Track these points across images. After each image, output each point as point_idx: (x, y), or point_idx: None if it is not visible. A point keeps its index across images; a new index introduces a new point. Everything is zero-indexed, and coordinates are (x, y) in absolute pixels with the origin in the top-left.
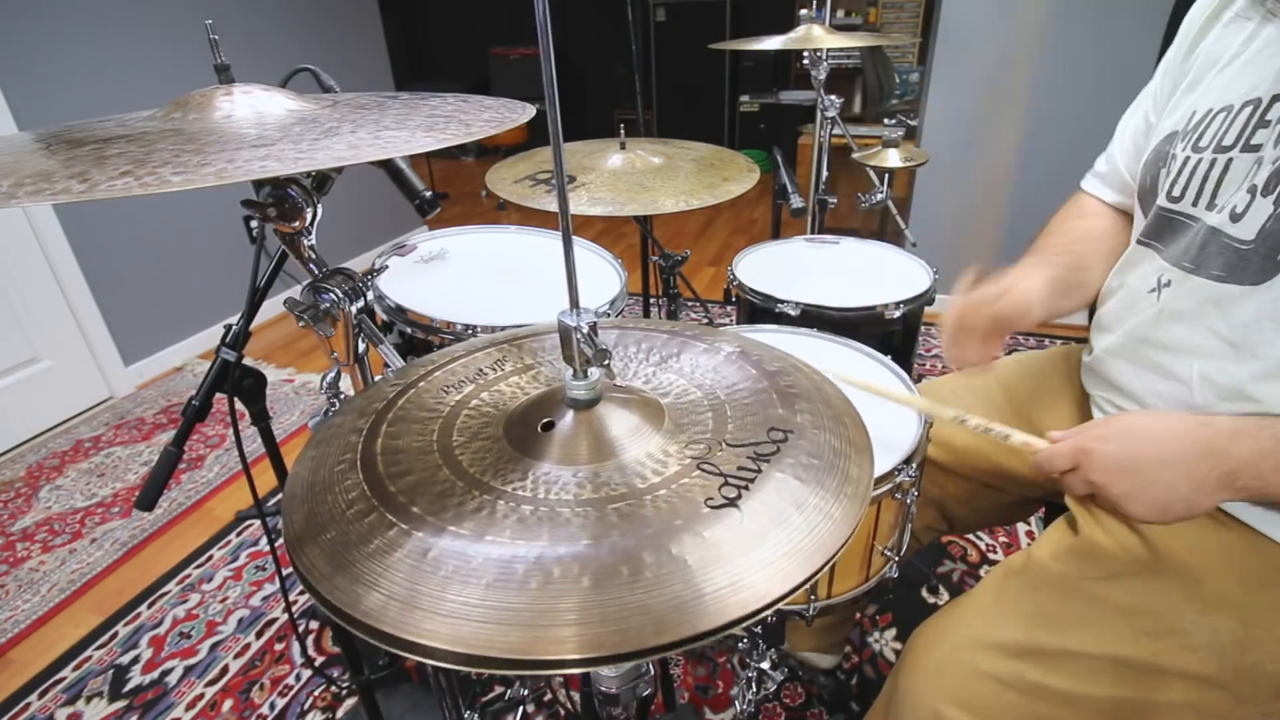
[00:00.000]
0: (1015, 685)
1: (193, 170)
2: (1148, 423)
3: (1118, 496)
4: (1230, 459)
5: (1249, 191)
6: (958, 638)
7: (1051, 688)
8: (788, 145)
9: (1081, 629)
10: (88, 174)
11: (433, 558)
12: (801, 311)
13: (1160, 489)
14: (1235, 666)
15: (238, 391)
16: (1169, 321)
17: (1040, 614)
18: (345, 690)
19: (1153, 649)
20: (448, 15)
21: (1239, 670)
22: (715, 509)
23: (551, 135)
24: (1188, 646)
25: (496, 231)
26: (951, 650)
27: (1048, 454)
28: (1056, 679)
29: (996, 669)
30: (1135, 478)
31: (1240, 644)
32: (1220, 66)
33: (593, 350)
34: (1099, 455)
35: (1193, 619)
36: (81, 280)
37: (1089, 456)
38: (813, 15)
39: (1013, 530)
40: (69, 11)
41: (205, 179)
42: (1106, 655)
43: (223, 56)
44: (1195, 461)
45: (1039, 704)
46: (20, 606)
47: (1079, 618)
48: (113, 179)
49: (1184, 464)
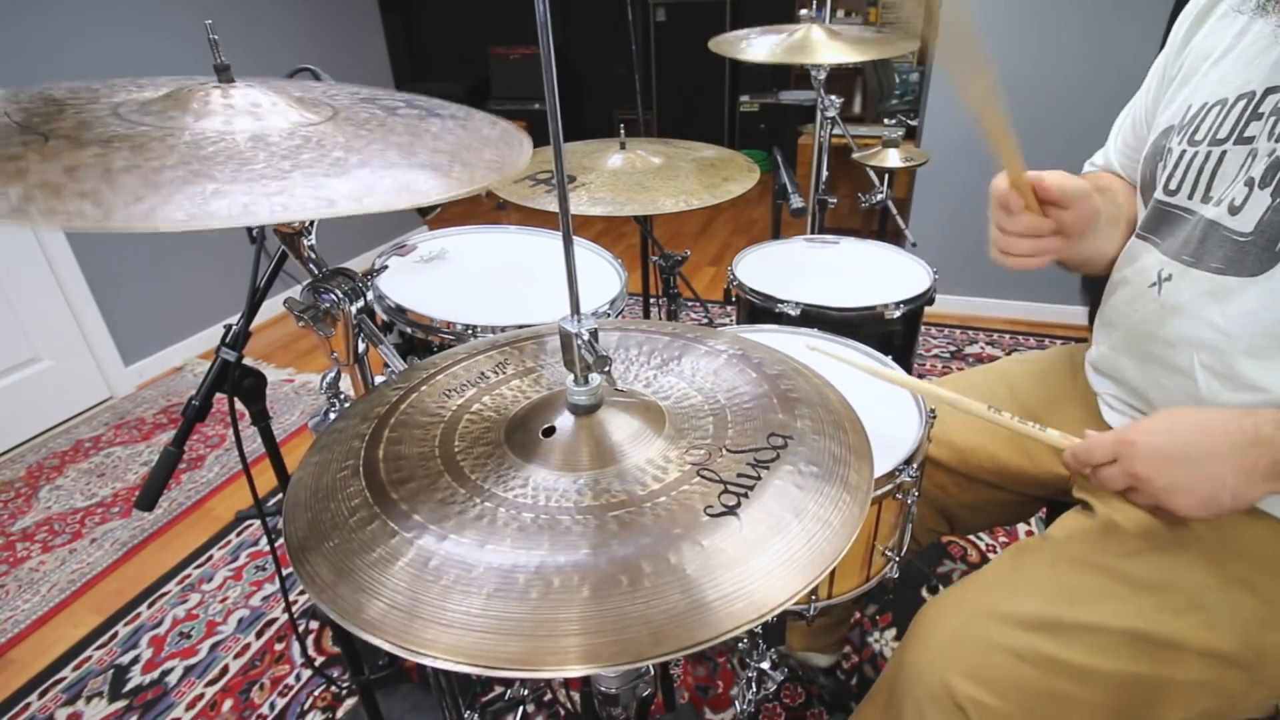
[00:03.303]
0: (1029, 658)
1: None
2: (1191, 415)
3: (1162, 489)
4: (1278, 448)
5: (1246, 184)
6: (971, 611)
7: (1067, 661)
8: (788, 145)
9: (1100, 602)
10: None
11: (434, 566)
12: (801, 311)
13: (1206, 481)
14: (1257, 645)
15: (238, 391)
16: (1170, 315)
17: (1057, 587)
18: (345, 690)
19: (1174, 625)
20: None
21: (1260, 649)
22: (714, 517)
23: (552, 135)
24: (1209, 623)
25: (496, 231)
26: (963, 623)
27: (1085, 446)
28: (1072, 652)
29: (1010, 641)
30: (1181, 469)
31: (1262, 622)
32: (1214, 60)
33: (593, 357)
34: (1143, 446)
35: (1215, 596)
36: (81, 280)
37: (1132, 448)
38: (812, 15)
39: (1013, 530)
40: (68, 12)
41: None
42: (1125, 629)
43: (223, 56)
44: (1242, 452)
45: (1053, 677)
46: (20, 606)
47: (1097, 591)
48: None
49: (1231, 455)
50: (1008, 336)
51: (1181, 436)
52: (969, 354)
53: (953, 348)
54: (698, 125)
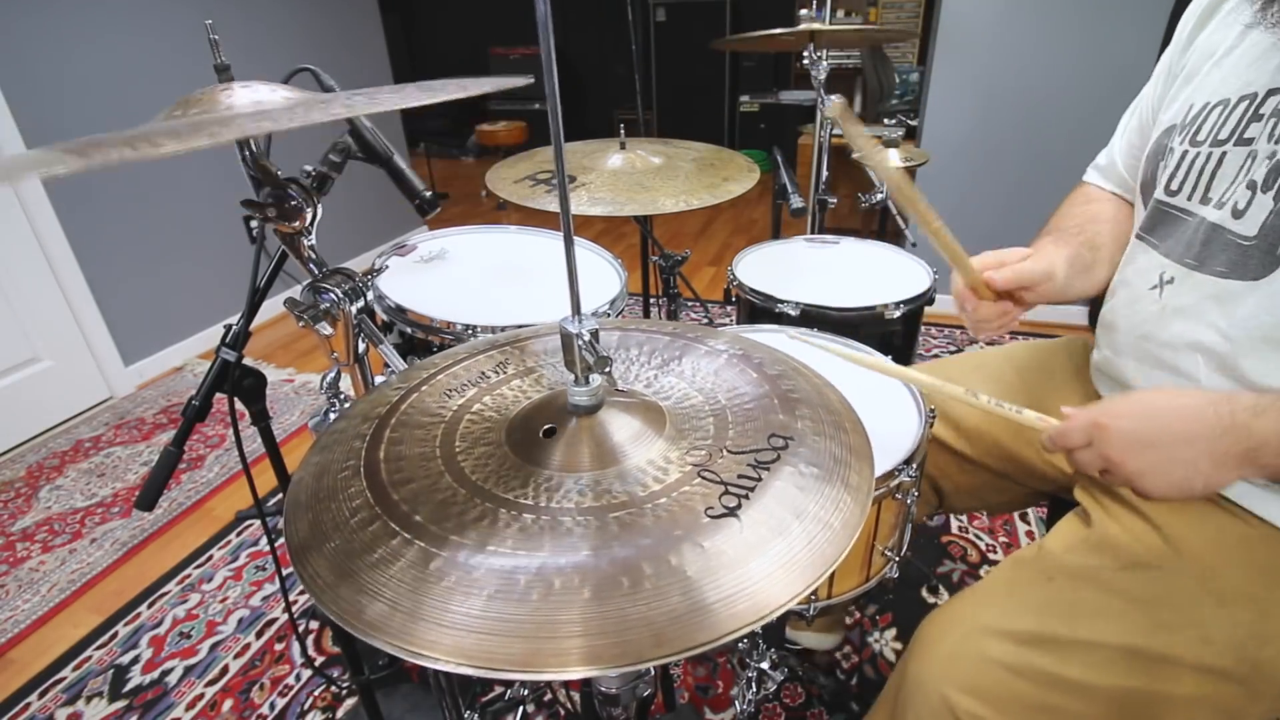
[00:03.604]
0: (1026, 674)
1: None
2: (1166, 399)
3: (1133, 473)
4: (1253, 436)
5: (1249, 187)
6: (969, 626)
7: (1063, 677)
8: (788, 145)
9: (1096, 619)
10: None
11: (435, 568)
12: (801, 311)
13: (1180, 466)
14: (1253, 660)
15: (238, 391)
16: (1172, 318)
17: (1053, 603)
18: (345, 690)
19: (1169, 640)
20: (448, 15)
21: (1256, 664)
22: (715, 518)
23: (552, 135)
24: (1205, 639)
25: (496, 231)
26: (962, 638)
27: (1061, 430)
28: (1068, 668)
29: (1008, 657)
30: (1153, 454)
31: (1259, 637)
32: (1216, 59)
33: (594, 357)
34: (1115, 431)
35: (1211, 611)
36: (81, 280)
37: (1104, 432)
38: (813, 15)
39: (1013, 531)
40: (69, 12)
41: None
42: (1121, 645)
43: (223, 57)
44: (1216, 439)
45: (1050, 693)
46: (20, 606)
47: (1093, 607)
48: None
49: (1205, 441)
50: (1008, 336)
51: (1155, 421)
52: (969, 354)
53: (953, 348)
54: (698, 125)
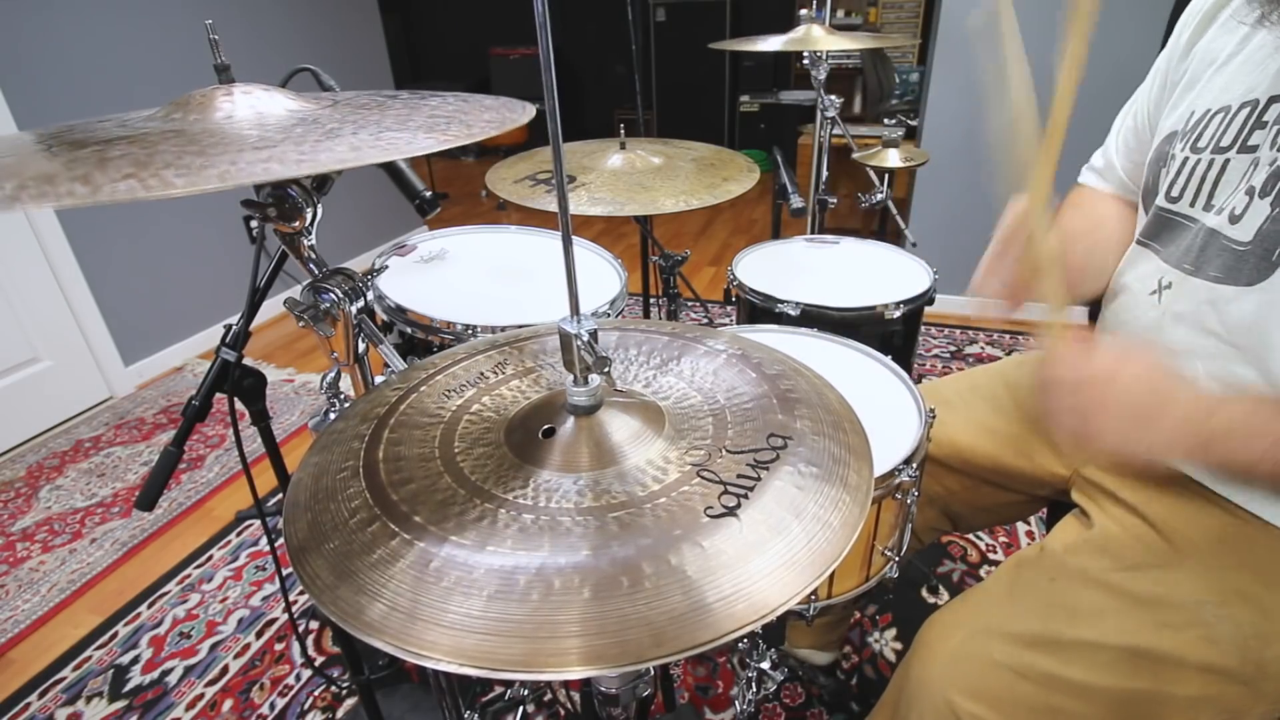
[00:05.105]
0: (1029, 675)
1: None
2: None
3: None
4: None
5: (1247, 193)
6: (971, 628)
7: (1066, 678)
8: (788, 145)
9: (1098, 619)
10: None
11: (435, 568)
12: (801, 311)
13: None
14: (1257, 660)
15: (238, 391)
16: (1171, 323)
17: (1056, 604)
18: (345, 690)
19: (1173, 640)
20: (447, 15)
21: (1260, 664)
22: (715, 518)
23: (551, 135)
24: (1209, 638)
25: (496, 231)
26: (965, 640)
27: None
28: (1071, 670)
29: (1010, 659)
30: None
31: (1262, 637)
32: (1218, 66)
33: (593, 357)
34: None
35: (1214, 610)
36: (81, 280)
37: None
38: (813, 15)
39: (1013, 530)
40: (68, 11)
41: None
42: (1124, 646)
43: (223, 56)
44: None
45: (1053, 694)
46: (20, 606)
47: (1096, 608)
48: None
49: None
50: (1008, 336)
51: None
52: (969, 354)
53: (953, 348)
54: (698, 125)
